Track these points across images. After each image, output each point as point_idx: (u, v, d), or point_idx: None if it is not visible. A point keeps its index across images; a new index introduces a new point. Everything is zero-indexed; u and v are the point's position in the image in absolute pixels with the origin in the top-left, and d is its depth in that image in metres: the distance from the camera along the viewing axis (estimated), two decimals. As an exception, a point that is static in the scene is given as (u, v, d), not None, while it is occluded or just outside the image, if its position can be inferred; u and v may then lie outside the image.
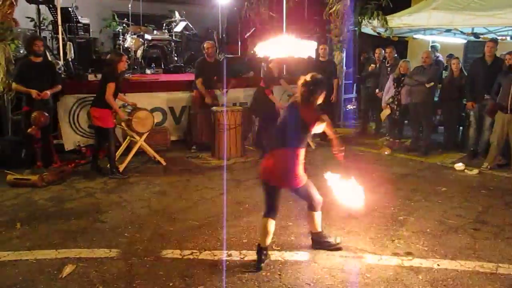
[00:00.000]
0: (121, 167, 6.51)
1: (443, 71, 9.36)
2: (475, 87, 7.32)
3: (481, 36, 8.63)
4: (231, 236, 4.43)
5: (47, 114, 6.29)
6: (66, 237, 4.37)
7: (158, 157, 6.98)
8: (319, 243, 4.17)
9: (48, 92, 6.41)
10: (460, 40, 10.10)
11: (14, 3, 6.95)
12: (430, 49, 10.00)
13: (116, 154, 6.68)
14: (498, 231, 4.65)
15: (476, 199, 5.63)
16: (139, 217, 4.92)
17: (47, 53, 7.93)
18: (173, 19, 12.32)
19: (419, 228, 4.68)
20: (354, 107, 11.74)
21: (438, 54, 9.76)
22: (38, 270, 3.75)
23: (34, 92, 6.24)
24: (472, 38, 8.96)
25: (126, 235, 4.44)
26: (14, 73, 6.52)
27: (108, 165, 6.42)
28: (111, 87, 6.13)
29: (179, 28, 12.18)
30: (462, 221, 4.91)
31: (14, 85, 6.42)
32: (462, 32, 8.92)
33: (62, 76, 7.66)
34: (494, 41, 7.37)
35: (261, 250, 3.84)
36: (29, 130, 6.16)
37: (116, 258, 3.97)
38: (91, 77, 7.79)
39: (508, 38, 8.32)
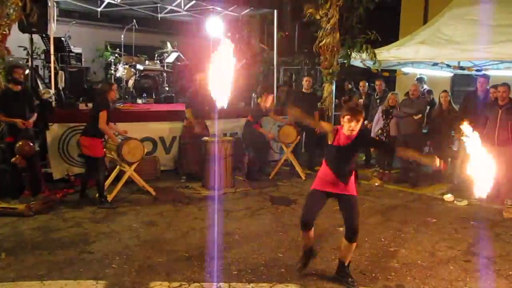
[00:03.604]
0: (110, 197, 6.45)
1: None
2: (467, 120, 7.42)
3: (467, 68, 8.83)
4: (220, 267, 4.37)
5: (31, 144, 6.26)
6: (52, 268, 4.28)
7: (147, 187, 6.93)
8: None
9: (31, 121, 6.43)
10: (447, 73, 10.31)
11: (7, 32, 7.00)
12: (416, 81, 10.18)
13: (106, 183, 6.63)
14: (489, 263, 4.65)
15: (466, 231, 5.65)
16: (128, 248, 4.84)
17: (26, 82, 7.94)
18: (165, 50, 12.48)
19: (410, 260, 4.66)
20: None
21: (425, 87, 9.93)
22: (22, 302, 3.66)
23: (19, 122, 6.24)
24: (458, 71, 9.16)
25: (114, 267, 4.36)
26: None
27: (97, 195, 6.36)
28: (103, 115, 6.15)
29: (171, 58, 12.32)
30: (453, 252, 4.91)
31: None
32: (448, 65, 9.12)
33: (53, 104, 7.66)
34: (485, 76, 7.54)
35: None
36: (13, 159, 6.12)
37: (103, 290, 3.89)
38: (81, 106, 7.79)
39: (492, 70, 8.51)
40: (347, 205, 4.06)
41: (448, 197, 7.03)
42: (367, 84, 9.68)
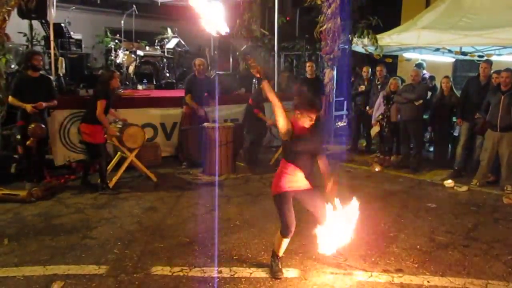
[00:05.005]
0: (112, 183, 6.48)
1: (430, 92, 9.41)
2: (468, 106, 7.42)
3: (469, 54, 8.78)
4: (221, 252, 4.41)
5: (43, 126, 6.28)
6: (55, 253, 4.33)
7: (148, 173, 6.95)
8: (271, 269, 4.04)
9: (43, 104, 6.37)
10: (449, 59, 10.24)
11: (7, 18, 6.97)
12: (415, 67, 10.13)
13: (107, 169, 6.65)
14: (487, 248, 4.68)
15: (466, 216, 5.67)
16: (129, 233, 4.88)
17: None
18: (165, 35, 12.41)
19: (409, 245, 4.70)
20: (345, 124, 11.80)
21: (425, 72, 9.88)
22: (26, 287, 3.70)
23: (28, 107, 6.22)
24: (460, 56, 9.11)
25: (116, 252, 4.40)
26: (12, 87, 6.47)
27: (99, 181, 6.39)
28: (102, 104, 6.15)
29: (171, 44, 12.26)
30: (452, 237, 4.94)
31: (10, 98, 6.35)
32: (450, 51, 9.06)
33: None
34: (488, 62, 7.49)
35: None
36: (27, 142, 6.15)
37: (105, 274, 3.93)
38: (82, 92, 7.78)
39: (495, 56, 8.46)
40: (313, 196, 3.98)
41: (448, 183, 7.05)
42: (370, 70, 9.63)
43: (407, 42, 9.00)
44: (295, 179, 3.87)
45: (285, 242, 3.97)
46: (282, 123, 3.73)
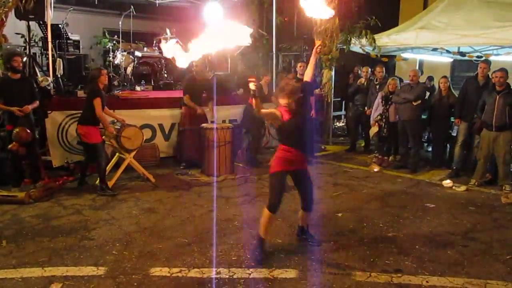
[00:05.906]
0: (110, 184, 6.46)
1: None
2: (466, 106, 7.43)
3: (467, 54, 8.80)
4: (220, 253, 4.41)
5: (29, 131, 6.25)
6: (53, 255, 4.32)
7: (147, 174, 6.94)
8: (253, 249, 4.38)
9: (29, 107, 6.35)
10: (447, 59, 10.26)
11: (4, 20, 6.95)
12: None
13: (106, 169, 6.64)
14: (486, 247, 4.68)
15: (464, 216, 5.67)
16: (128, 235, 4.87)
17: (24, 70, 7.89)
18: (163, 36, 12.39)
19: (408, 245, 4.70)
20: (343, 124, 11.80)
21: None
22: (24, 288, 3.69)
23: (15, 110, 6.20)
24: (458, 56, 9.12)
25: (114, 253, 4.39)
26: None
27: (97, 182, 6.37)
28: (97, 102, 6.14)
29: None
30: (451, 237, 4.94)
31: None
32: (448, 51, 9.08)
33: (52, 92, 7.64)
34: (487, 62, 7.50)
35: None
36: (9, 146, 6.12)
37: (103, 276, 3.92)
38: (80, 93, 7.77)
39: (493, 56, 8.48)
40: (305, 178, 4.40)
41: (447, 182, 7.06)
42: (370, 70, 9.64)
43: (405, 42, 9.01)
44: (292, 161, 4.22)
45: (271, 219, 4.33)
46: (270, 114, 4.21)
